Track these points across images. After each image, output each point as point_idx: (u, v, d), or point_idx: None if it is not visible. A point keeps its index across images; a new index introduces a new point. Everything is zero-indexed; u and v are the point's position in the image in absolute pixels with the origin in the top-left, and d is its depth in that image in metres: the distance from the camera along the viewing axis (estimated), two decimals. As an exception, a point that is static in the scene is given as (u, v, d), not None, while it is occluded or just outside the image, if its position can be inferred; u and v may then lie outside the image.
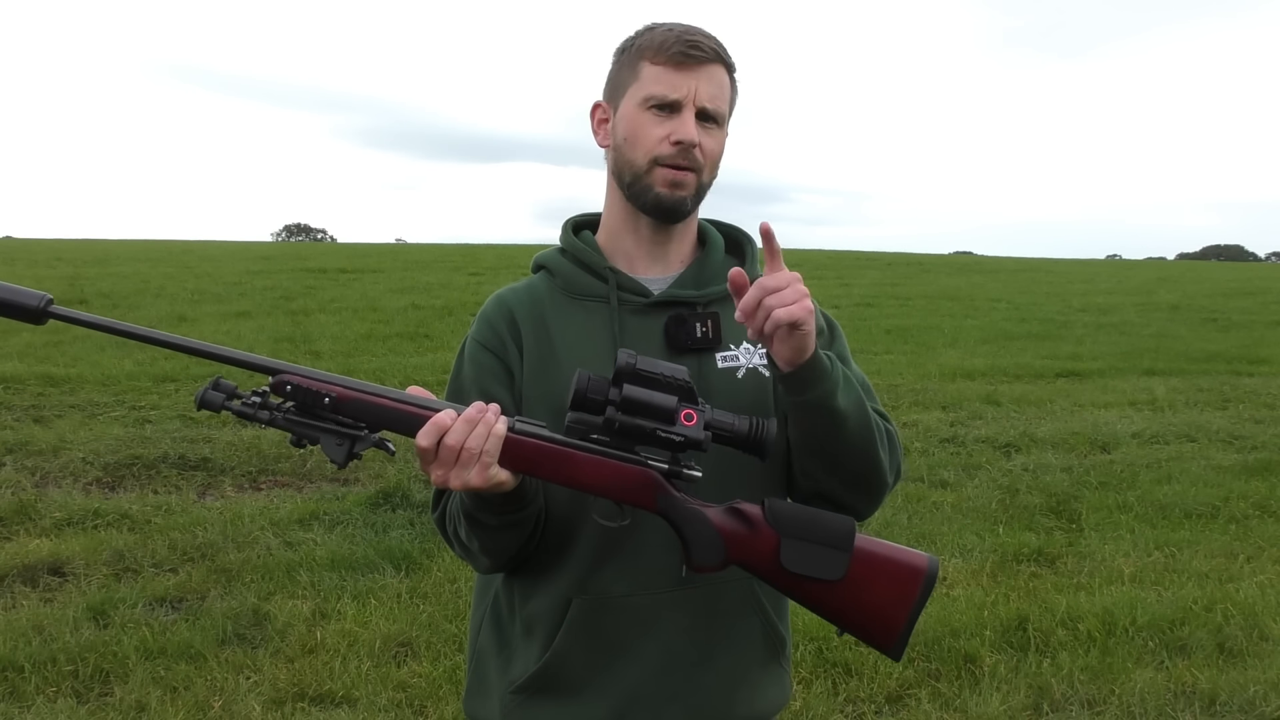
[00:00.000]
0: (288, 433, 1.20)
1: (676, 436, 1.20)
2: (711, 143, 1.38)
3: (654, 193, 1.38)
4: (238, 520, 5.08)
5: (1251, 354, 12.56)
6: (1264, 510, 5.70)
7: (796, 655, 3.63)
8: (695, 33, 1.37)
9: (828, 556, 1.25)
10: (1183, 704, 3.42)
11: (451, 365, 1.48)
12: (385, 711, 3.31)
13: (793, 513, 1.27)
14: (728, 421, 1.22)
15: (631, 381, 1.20)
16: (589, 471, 1.24)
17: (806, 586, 1.27)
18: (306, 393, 1.20)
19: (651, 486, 1.24)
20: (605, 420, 1.21)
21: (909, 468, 6.56)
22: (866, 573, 1.26)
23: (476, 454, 1.18)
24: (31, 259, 25.03)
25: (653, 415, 1.20)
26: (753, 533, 1.26)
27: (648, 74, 1.37)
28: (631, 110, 1.39)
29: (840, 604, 1.28)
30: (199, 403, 1.18)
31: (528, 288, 1.48)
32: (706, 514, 1.26)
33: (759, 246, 1.50)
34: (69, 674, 3.47)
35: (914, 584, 1.26)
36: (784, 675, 1.50)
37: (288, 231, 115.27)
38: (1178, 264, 57.79)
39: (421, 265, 24.49)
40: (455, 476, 1.19)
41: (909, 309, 17.82)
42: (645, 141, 1.37)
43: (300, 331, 12.60)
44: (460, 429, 1.18)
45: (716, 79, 1.38)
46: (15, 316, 1.16)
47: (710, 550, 1.26)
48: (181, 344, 1.21)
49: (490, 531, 1.31)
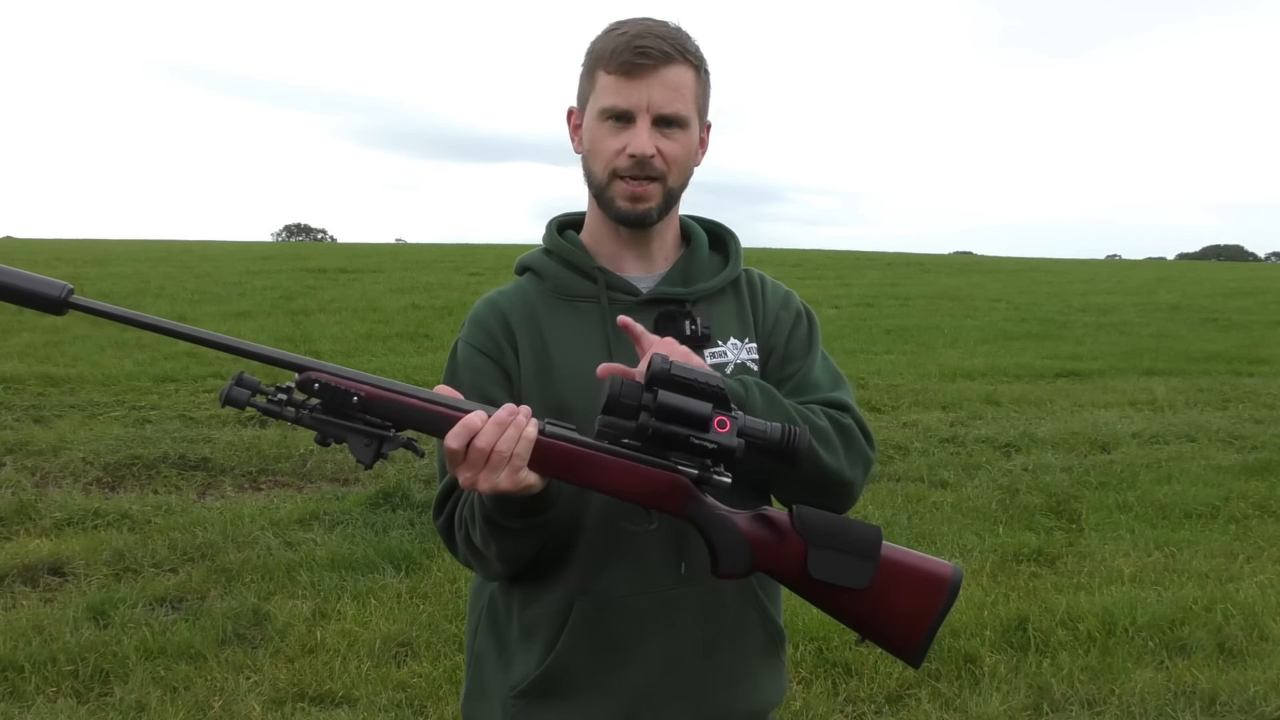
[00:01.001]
0: (313, 431, 1.18)
1: (710, 444, 1.19)
2: (673, 147, 1.36)
3: (615, 206, 1.38)
4: (238, 520, 5.08)
5: (1251, 354, 12.55)
6: (1264, 510, 5.69)
7: (796, 655, 3.63)
8: (646, 35, 1.34)
9: (854, 565, 1.25)
10: (1183, 704, 3.42)
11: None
12: (385, 711, 3.31)
13: (821, 521, 1.27)
14: (760, 428, 1.21)
15: (666, 387, 1.18)
16: (619, 476, 1.23)
17: (831, 594, 1.27)
18: (335, 391, 1.17)
19: (682, 492, 1.24)
20: (639, 426, 1.19)
21: (909, 468, 6.56)
22: (891, 582, 1.26)
23: (507, 457, 1.17)
24: (32, 259, 25.01)
25: (687, 422, 1.18)
26: (780, 540, 1.26)
27: (602, 84, 1.36)
28: (591, 122, 1.38)
29: (864, 612, 1.27)
30: (224, 399, 1.15)
31: (517, 290, 1.47)
32: (735, 521, 1.26)
33: (741, 243, 1.51)
34: (69, 674, 3.46)
35: (938, 594, 1.26)
36: (782, 668, 1.50)
37: (288, 231, 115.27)
38: (1178, 264, 57.78)
39: (421, 265, 24.48)
40: (484, 479, 1.18)
41: (909, 309, 17.81)
42: (603, 154, 1.36)
43: (300, 331, 12.60)
44: (491, 431, 1.17)
45: (672, 81, 1.34)
46: (36, 306, 1.14)
47: (739, 557, 1.26)
48: (208, 339, 1.17)
49: (511, 536, 1.29)
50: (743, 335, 1.44)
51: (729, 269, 1.48)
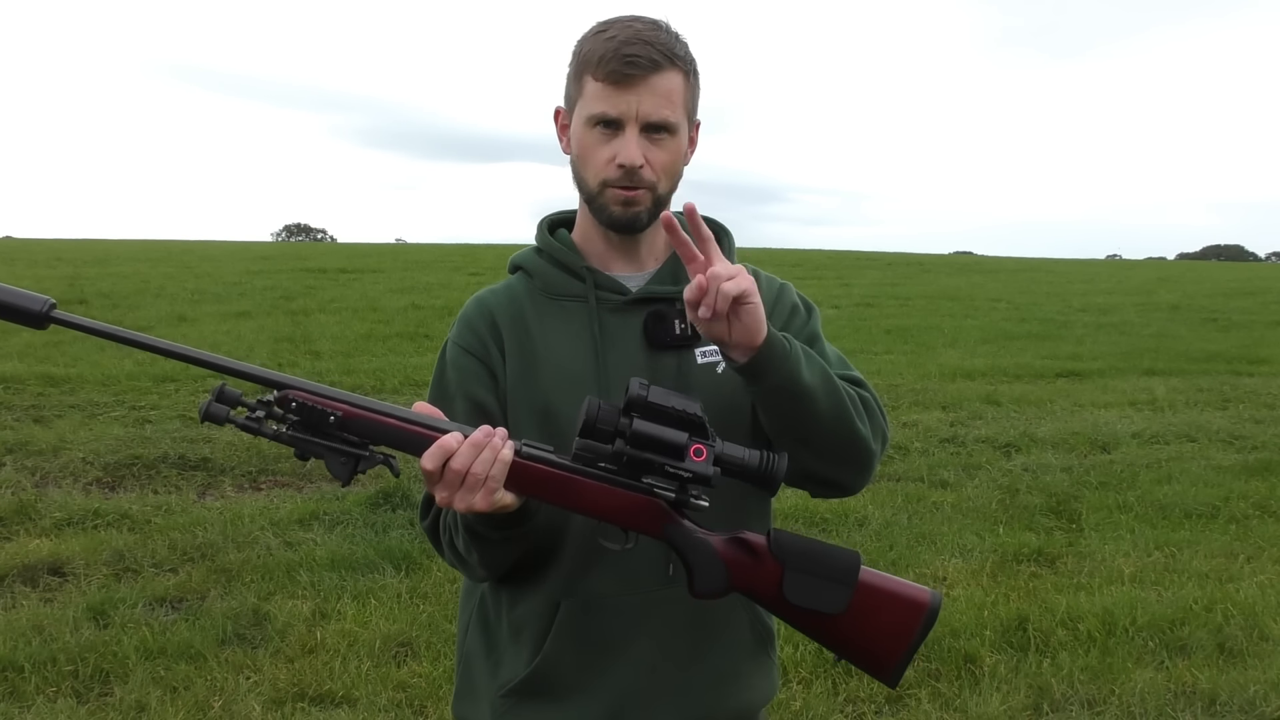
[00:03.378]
0: (291, 447, 1.19)
1: (685, 472, 1.20)
2: (662, 155, 1.35)
3: (608, 212, 1.37)
4: (238, 520, 5.08)
5: (1251, 354, 12.55)
6: (1264, 510, 5.69)
7: (796, 655, 3.63)
8: (635, 42, 1.32)
9: (830, 590, 1.25)
10: (1183, 704, 3.42)
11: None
12: (385, 711, 3.31)
13: (798, 545, 1.27)
14: (738, 456, 1.22)
15: (642, 414, 1.18)
16: (595, 498, 1.23)
17: (808, 617, 1.27)
18: (311, 410, 1.18)
19: (658, 515, 1.24)
20: (614, 452, 1.20)
21: (909, 468, 6.56)
22: (868, 605, 1.26)
23: (482, 479, 1.17)
24: (31, 259, 25.03)
25: (662, 451, 1.19)
26: (756, 563, 1.26)
27: (590, 91, 1.34)
28: (580, 128, 1.37)
29: (840, 634, 1.28)
30: (203, 415, 1.16)
31: (506, 289, 1.47)
32: (712, 543, 1.26)
33: (734, 240, 1.50)
34: (69, 674, 3.46)
35: (915, 619, 1.27)
36: (772, 666, 1.50)
37: (287, 231, 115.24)
38: (1178, 264, 57.80)
39: (421, 265, 24.50)
40: (460, 499, 1.18)
41: (909, 309, 17.82)
42: (594, 163, 1.35)
43: (300, 331, 12.59)
44: (466, 453, 1.17)
45: (661, 88, 1.33)
46: (17, 320, 1.14)
47: (714, 579, 1.26)
48: (186, 354, 1.18)
49: (492, 545, 1.30)
50: None
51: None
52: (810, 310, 1.50)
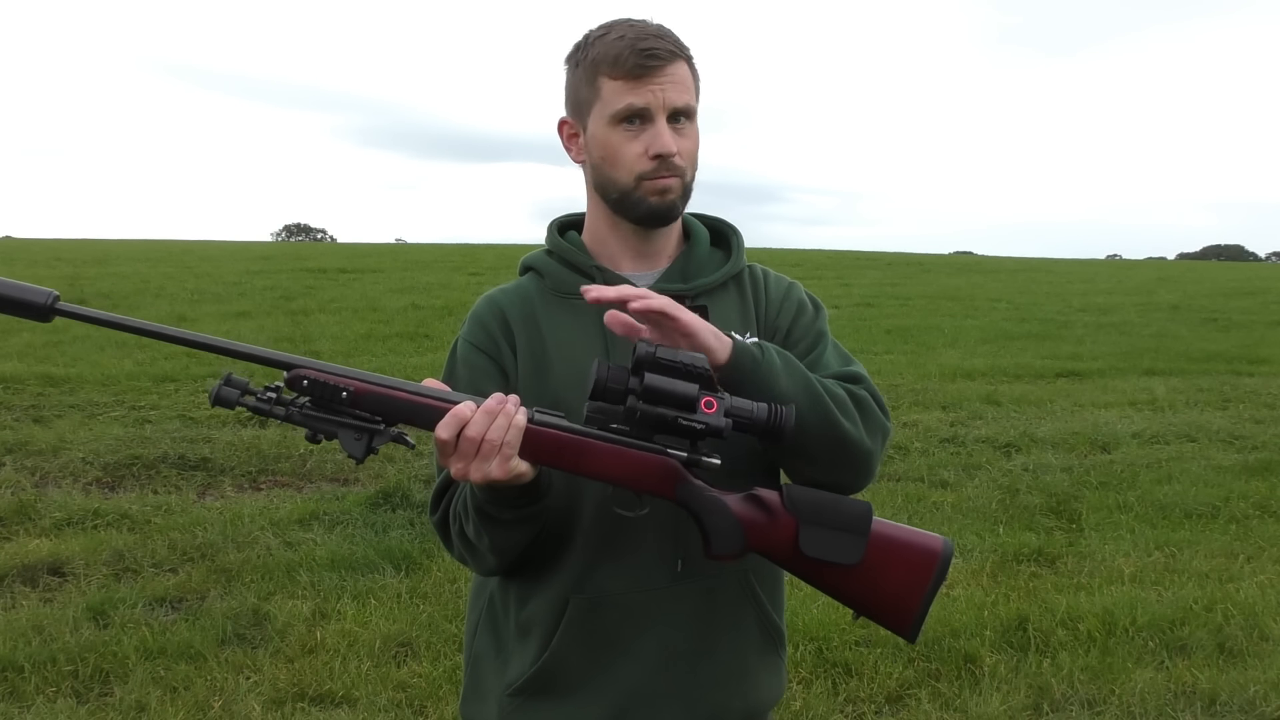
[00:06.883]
0: (304, 428, 1.19)
1: (698, 424, 1.20)
2: (687, 142, 1.38)
3: (646, 204, 1.38)
4: (238, 520, 5.08)
5: (1251, 354, 12.55)
6: (1264, 510, 5.69)
7: (796, 655, 3.63)
8: (647, 36, 1.35)
9: (845, 541, 1.26)
10: (1183, 704, 3.42)
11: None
12: (385, 711, 3.31)
13: (810, 498, 1.28)
14: (747, 408, 1.22)
15: (652, 370, 1.19)
16: (609, 462, 1.24)
17: (825, 572, 1.28)
18: (323, 387, 1.18)
19: (672, 475, 1.25)
20: (626, 409, 1.20)
21: (909, 468, 6.56)
22: (883, 556, 1.27)
23: (497, 445, 1.18)
24: (31, 259, 25.01)
25: (674, 403, 1.20)
26: (771, 520, 1.27)
27: (609, 90, 1.35)
28: (602, 130, 1.37)
29: (858, 588, 1.29)
30: (213, 399, 1.16)
31: (517, 288, 1.47)
32: (726, 502, 1.27)
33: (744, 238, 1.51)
34: (69, 674, 3.46)
35: (929, 567, 1.28)
36: (780, 666, 1.50)
37: (287, 231, 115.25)
38: (1178, 264, 57.78)
39: (421, 265, 24.49)
40: (476, 469, 1.19)
41: (909, 309, 17.81)
42: (625, 160, 1.36)
43: (300, 331, 12.60)
44: (481, 420, 1.18)
45: (679, 76, 1.36)
46: (22, 314, 1.15)
47: (731, 539, 1.27)
48: (193, 339, 1.19)
49: (503, 527, 1.30)
50: (744, 329, 1.44)
51: (730, 264, 1.48)
52: (818, 308, 1.51)
